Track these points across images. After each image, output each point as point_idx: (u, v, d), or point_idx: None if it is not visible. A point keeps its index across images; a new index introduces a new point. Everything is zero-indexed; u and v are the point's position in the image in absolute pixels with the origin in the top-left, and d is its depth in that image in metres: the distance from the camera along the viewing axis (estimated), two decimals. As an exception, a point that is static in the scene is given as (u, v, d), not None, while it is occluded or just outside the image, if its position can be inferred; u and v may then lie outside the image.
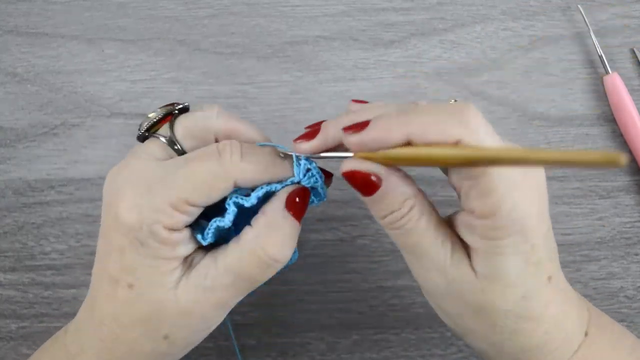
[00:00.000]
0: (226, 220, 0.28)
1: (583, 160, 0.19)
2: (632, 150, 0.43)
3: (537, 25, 0.45)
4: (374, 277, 0.42)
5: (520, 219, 0.25)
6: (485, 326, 0.28)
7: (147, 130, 0.30)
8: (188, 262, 0.29)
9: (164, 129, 0.30)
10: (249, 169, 0.28)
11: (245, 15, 0.45)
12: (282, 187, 0.29)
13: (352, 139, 0.26)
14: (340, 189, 0.43)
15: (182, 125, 0.30)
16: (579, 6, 0.44)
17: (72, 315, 0.41)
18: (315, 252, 0.42)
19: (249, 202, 0.28)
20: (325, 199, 0.31)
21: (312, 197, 0.30)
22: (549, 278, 0.27)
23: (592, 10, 0.45)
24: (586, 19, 0.44)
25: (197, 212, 0.28)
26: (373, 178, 0.26)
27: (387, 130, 0.25)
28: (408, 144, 0.25)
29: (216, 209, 0.29)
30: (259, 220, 0.28)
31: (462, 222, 0.27)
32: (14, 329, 0.42)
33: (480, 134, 0.24)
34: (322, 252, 0.42)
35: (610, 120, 0.44)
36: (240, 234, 0.28)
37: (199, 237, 0.28)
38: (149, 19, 0.45)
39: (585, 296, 0.39)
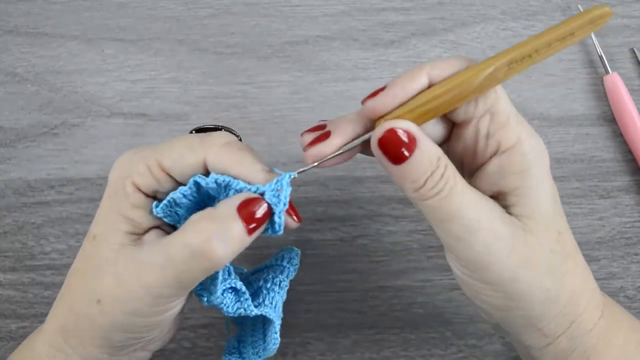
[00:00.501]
0: (178, 192, 0.28)
1: (571, 26, 0.24)
2: (632, 150, 0.43)
3: (537, 25, 0.45)
4: (374, 277, 0.42)
5: (539, 148, 0.27)
6: (538, 276, 0.27)
7: (197, 130, 0.34)
8: (140, 240, 0.28)
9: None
10: (224, 155, 0.27)
11: (245, 15, 0.45)
12: (247, 190, 0.27)
13: (374, 101, 0.26)
14: (340, 189, 0.43)
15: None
16: (579, 6, 0.44)
17: (72, 315, 0.42)
18: (315, 252, 0.42)
19: (205, 181, 0.27)
20: (279, 233, 0.28)
21: (268, 225, 0.28)
22: (565, 218, 0.29)
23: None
24: (586, 19, 0.44)
25: (167, 183, 0.28)
26: (406, 140, 0.25)
27: (409, 77, 0.26)
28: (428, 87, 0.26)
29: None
30: (207, 210, 0.27)
31: (493, 171, 0.27)
32: (14, 329, 0.42)
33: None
34: (322, 252, 0.42)
35: (610, 120, 0.44)
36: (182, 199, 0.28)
37: (154, 205, 0.28)
38: (149, 19, 0.45)
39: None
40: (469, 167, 0.29)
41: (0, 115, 0.44)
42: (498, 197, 0.28)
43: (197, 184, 0.28)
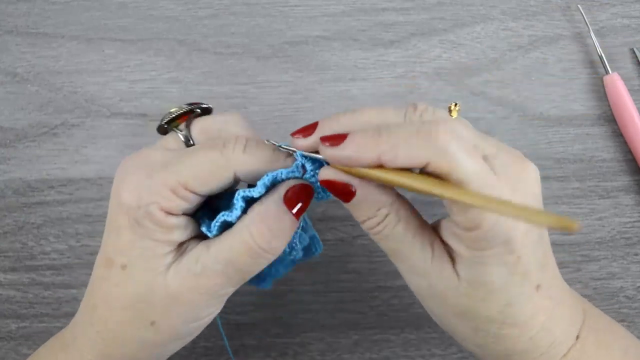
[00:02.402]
0: (233, 216, 0.28)
1: (538, 220, 0.20)
2: (632, 150, 0.43)
3: (537, 25, 0.45)
4: (374, 277, 0.42)
5: (504, 231, 0.25)
6: (468, 329, 0.28)
7: (168, 122, 0.31)
8: (182, 249, 0.29)
9: (182, 126, 0.31)
10: (249, 161, 0.28)
11: (245, 15, 0.45)
12: (287, 175, 0.28)
13: (327, 153, 0.26)
14: (340, 189, 0.43)
15: (200, 125, 0.31)
16: (579, 6, 0.44)
17: (72, 315, 0.41)
18: (315, 252, 0.42)
19: (256, 191, 0.28)
20: (328, 198, 0.30)
21: (321, 192, 0.29)
22: (538, 286, 0.27)
23: (592, 10, 0.45)
24: (586, 19, 0.44)
25: (195, 200, 0.28)
26: (349, 187, 0.27)
27: (359, 151, 0.25)
28: (381, 165, 0.25)
29: (227, 202, 0.29)
30: (254, 208, 0.28)
31: (447, 230, 0.27)
32: (14, 329, 0.42)
33: (450, 155, 0.24)
34: (322, 252, 0.42)
35: (610, 120, 0.44)
36: (236, 221, 0.28)
37: (204, 229, 0.29)
38: (149, 19, 0.45)
39: (585, 296, 0.39)
40: None
41: (0, 115, 0.44)
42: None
43: (245, 198, 0.28)
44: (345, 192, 0.27)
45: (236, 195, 0.28)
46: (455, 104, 0.28)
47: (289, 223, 0.28)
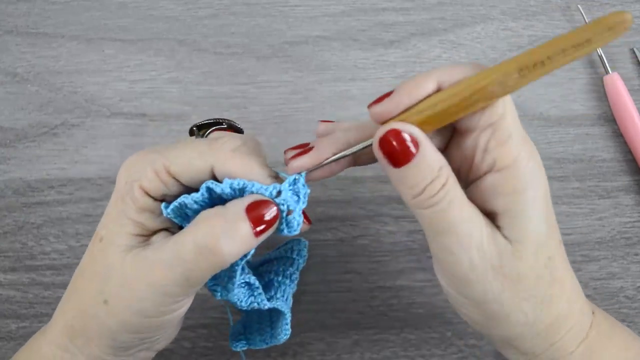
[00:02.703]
0: (189, 198, 0.27)
1: (588, 32, 0.21)
2: (632, 150, 0.43)
3: (537, 25, 0.45)
4: (374, 277, 0.42)
5: (536, 171, 0.26)
6: (520, 299, 0.27)
7: (198, 127, 0.33)
8: (150, 240, 0.28)
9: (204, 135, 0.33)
10: (231, 163, 0.28)
11: (245, 15, 0.45)
12: (258, 190, 0.27)
13: (380, 107, 0.26)
14: (341, 189, 0.43)
15: (216, 134, 0.32)
16: (579, 6, 0.44)
17: (72, 315, 0.42)
18: (315, 252, 0.42)
19: (220, 187, 0.27)
20: (295, 233, 0.28)
21: (284, 225, 0.28)
22: (560, 242, 0.28)
23: (592, 10, 0.45)
24: (586, 19, 0.44)
25: (175, 187, 0.28)
26: (409, 143, 0.25)
27: (416, 83, 0.25)
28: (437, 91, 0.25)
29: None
30: (215, 208, 0.27)
31: (486, 188, 0.26)
32: (14, 329, 0.42)
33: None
34: (322, 252, 0.42)
35: (610, 120, 0.44)
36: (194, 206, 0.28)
37: (162, 206, 0.28)
38: (149, 19, 0.45)
39: (585, 296, 0.39)
40: (465, 179, 0.28)
41: (0, 115, 0.44)
42: (490, 216, 0.27)
43: (209, 190, 0.28)
44: (405, 150, 0.25)
45: (203, 184, 0.28)
46: None
47: (246, 231, 0.26)
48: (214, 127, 0.33)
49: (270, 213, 0.27)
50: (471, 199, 0.27)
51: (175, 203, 0.28)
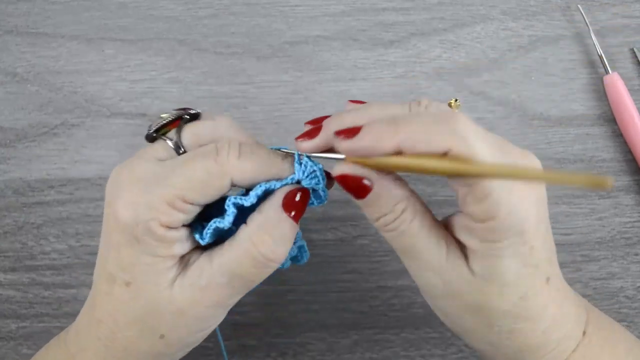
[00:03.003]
0: (225, 222, 0.28)
1: (570, 181, 0.19)
2: (632, 150, 0.43)
3: (537, 25, 0.45)
4: (374, 277, 0.42)
5: (518, 221, 0.25)
6: (483, 326, 0.28)
7: (156, 130, 0.30)
8: (185, 262, 0.28)
9: (172, 134, 0.30)
10: (246, 167, 0.27)
11: (245, 15, 0.45)
12: (282, 186, 0.29)
13: (344, 145, 0.26)
14: (340, 189, 0.43)
15: (191, 131, 0.30)
16: (579, 6, 0.44)
17: (72, 315, 0.41)
18: (315, 252, 0.42)
19: (248, 201, 0.28)
20: (325, 201, 0.30)
21: (312, 199, 0.30)
22: (548, 279, 0.27)
23: (592, 10, 0.45)
24: (586, 19, 0.44)
25: (194, 210, 0.28)
26: (364, 182, 0.26)
27: (377, 140, 0.25)
28: (399, 152, 0.25)
29: (217, 208, 0.28)
30: (254, 219, 0.28)
31: (460, 224, 0.27)
32: (14, 329, 0.42)
33: (470, 141, 0.24)
34: (322, 252, 0.42)
35: (610, 120, 0.44)
36: (236, 232, 0.28)
37: (197, 236, 0.28)
38: (149, 19, 0.45)
39: (585, 296, 0.39)
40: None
41: (0, 115, 0.44)
42: (461, 244, 0.27)
43: (237, 205, 0.28)
44: (361, 187, 0.27)
45: (227, 201, 0.28)
46: (456, 100, 0.29)
47: (290, 228, 0.28)
48: (180, 126, 0.30)
49: (301, 199, 0.29)
50: (454, 221, 0.28)
51: (209, 231, 0.28)
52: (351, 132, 0.26)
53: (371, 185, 0.26)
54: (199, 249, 0.29)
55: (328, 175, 0.30)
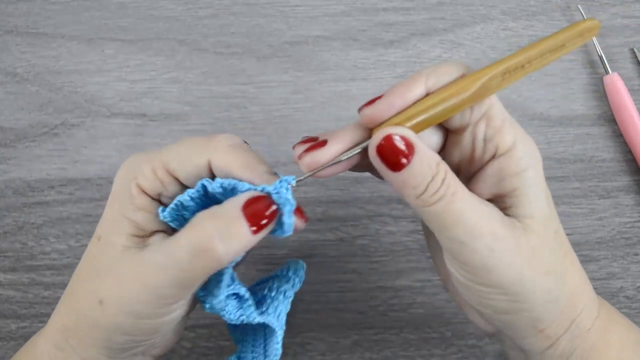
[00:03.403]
0: (185, 195, 0.27)
1: (557, 41, 0.25)
2: (632, 150, 0.43)
3: (537, 25, 0.45)
4: (374, 277, 0.42)
5: (534, 151, 0.27)
6: (540, 273, 0.27)
7: None
8: (146, 240, 0.28)
9: None
10: (229, 156, 0.27)
11: (245, 15, 0.45)
12: (248, 189, 0.27)
13: (375, 106, 0.26)
14: (340, 189, 0.43)
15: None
16: (579, 6, 0.44)
17: (72, 315, 0.41)
18: (315, 252, 0.42)
19: (212, 185, 0.27)
20: (288, 234, 0.27)
21: (277, 226, 0.27)
22: (558, 219, 0.29)
23: (592, 10, 0.45)
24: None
25: (172, 185, 0.28)
26: (404, 147, 0.25)
27: (406, 86, 0.26)
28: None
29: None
30: (211, 208, 0.27)
31: (491, 174, 0.27)
32: (14, 329, 0.42)
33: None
34: (322, 252, 0.42)
35: (610, 120, 0.44)
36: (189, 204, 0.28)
37: (159, 209, 0.28)
38: (149, 19, 0.45)
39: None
40: (466, 173, 0.29)
41: (0, 115, 0.44)
42: (496, 200, 0.28)
43: (204, 187, 0.27)
44: (401, 154, 0.25)
45: (199, 181, 0.27)
46: None
47: (242, 230, 0.26)
48: None
49: (268, 209, 0.26)
50: (475, 190, 0.27)
51: (172, 204, 0.27)
52: (376, 98, 0.27)
53: (411, 149, 0.26)
54: (166, 237, 0.29)
55: (300, 212, 0.28)
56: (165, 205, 0.28)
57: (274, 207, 0.26)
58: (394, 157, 0.26)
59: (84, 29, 0.45)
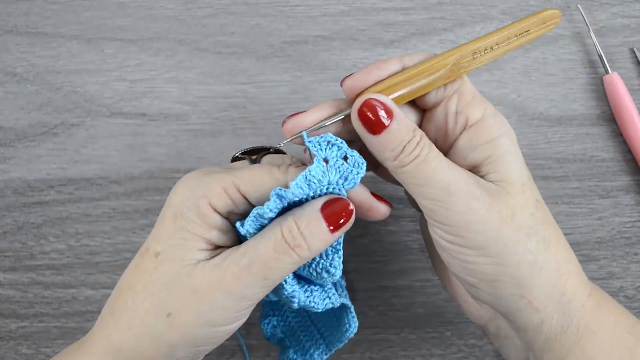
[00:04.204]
0: (265, 208, 0.28)
1: (520, 28, 0.28)
2: (632, 150, 0.43)
3: (537, 25, 0.45)
4: (374, 277, 0.42)
5: (504, 123, 0.29)
6: (520, 233, 0.27)
7: (243, 153, 0.34)
8: (216, 253, 0.29)
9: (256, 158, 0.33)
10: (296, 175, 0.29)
11: (245, 15, 0.45)
12: (315, 169, 0.28)
13: (356, 76, 0.29)
14: (340, 189, 0.43)
15: (270, 158, 0.32)
16: (579, 6, 0.44)
17: (72, 315, 0.42)
18: (315, 252, 0.42)
19: (290, 192, 0.28)
20: (355, 184, 0.29)
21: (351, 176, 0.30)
22: (537, 201, 0.29)
23: (592, 10, 0.45)
24: (586, 19, 0.44)
25: (242, 206, 0.29)
26: (383, 112, 0.28)
27: (384, 61, 0.29)
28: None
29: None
30: (293, 210, 0.29)
31: (464, 145, 0.29)
32: (14, 329, 0.42)
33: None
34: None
35: (610, 120, 0.44)
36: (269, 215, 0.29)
37: (238, 224, 0.29)
38: (149, 19, 0.45)
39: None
40: (442, 147, 0.30)
41: (0, 115, 0.44)
42: (473, 171, 0.29)
43: (280, 197, 0.28)
44: (382, 117, 0.28)
45: (272, 192, 0.28)
46: None
47: (322, 229, 0.28)
48: (264, 153, 0.33)
49: (344, 210, 0.28)
50: (455, 152, 0.30)
51: (251, 218, 0.28)
52: (352, 74, 0.29)
53: (390, 114, 0.28)
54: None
55: (379, 197, 0.31)
56: (237, 221, 0.29)
57: (350, 208, 0.29)
58: (373, 120, 0.28)
59: (84, 29, 0.45)
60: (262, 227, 0.29)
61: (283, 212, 0.29)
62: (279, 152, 0.34)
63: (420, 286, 0.42)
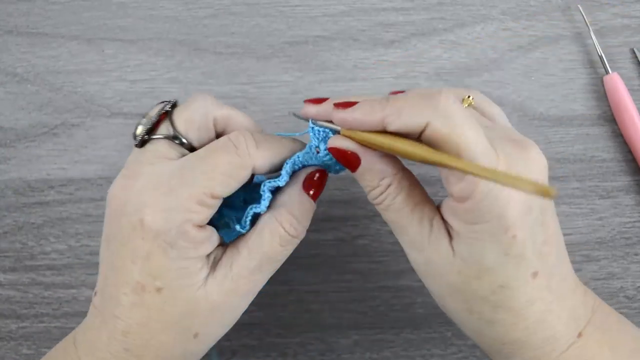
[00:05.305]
0: (262, 207, 0.29)
1: (516, 185, 0.20)
2: (632, 150, 0.43)
3: (537, 25, 0.45)
4: (374, 277, 0.42)
5: (498, 205, 0.25)
6: (463, 310, 0.28)
7: (147, 133, 0.29)
8: (211, 260, 0.29)
9: (163, 129, 0.30)
10: (265, 155, 0.29)
11: (245, 15, 0.45)
12: (304, 157, 0.30)
13: (338, 115, 0.28)
14: (340, 189, 0.43)
15: (182, 118, 0.30)
16: (579, 6, 0.44)
17: (71, 315, 0.42)
18: (315, 252, 0.42)
19: (282, 180, 0.30)
20: (344, 170, 0.31)
21: (335, 167, 0.32)
22: (534, 274, 0.26)
23: (592, 10, 0.45)
24: (586, 19, 0.44)
25: (217, 204, 0.28)
26: (355, 155, 0.28)
27: (367, 114, 0.27)
28: (385, 131, 0.27)
29: (231, 199, 0.30)
30: (278, 200, 0.30)
31: (447, 206, 0.27)
32: (14, 329, 0.42)
33: (450, 116, 0.25)
34: (322, 252, 0.42)
35: (610, 120, 0.44)
36: (260, 218, 0.30)
37: (237, 227, 0.29)
38: (149, 19, 0.45)
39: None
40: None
41: (0, 115, 0.44)
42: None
43: (271, 189, 0.30)
44: (351, 160, 0.28)
45: (262, 187, 0.30)
46: (469, 96, 0.30)
47: (309, 206, 0.30)
48: (159, 122, 0.30)
49: (319, 178, 0.31)
50: (443, 204, 0.28)
51: (248, 218, 0.29)
52: (347, 105, 0.28)
53: (358, 160, 0.28)
54: (220, 246, 0.30)
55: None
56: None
57: (322, 173, 0.31)
58: (343, 161, 0.29)
59: (84, 29, 0.45)
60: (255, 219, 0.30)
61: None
62: (173, 106, 0.31)
63: (420, 286, 0.42)
